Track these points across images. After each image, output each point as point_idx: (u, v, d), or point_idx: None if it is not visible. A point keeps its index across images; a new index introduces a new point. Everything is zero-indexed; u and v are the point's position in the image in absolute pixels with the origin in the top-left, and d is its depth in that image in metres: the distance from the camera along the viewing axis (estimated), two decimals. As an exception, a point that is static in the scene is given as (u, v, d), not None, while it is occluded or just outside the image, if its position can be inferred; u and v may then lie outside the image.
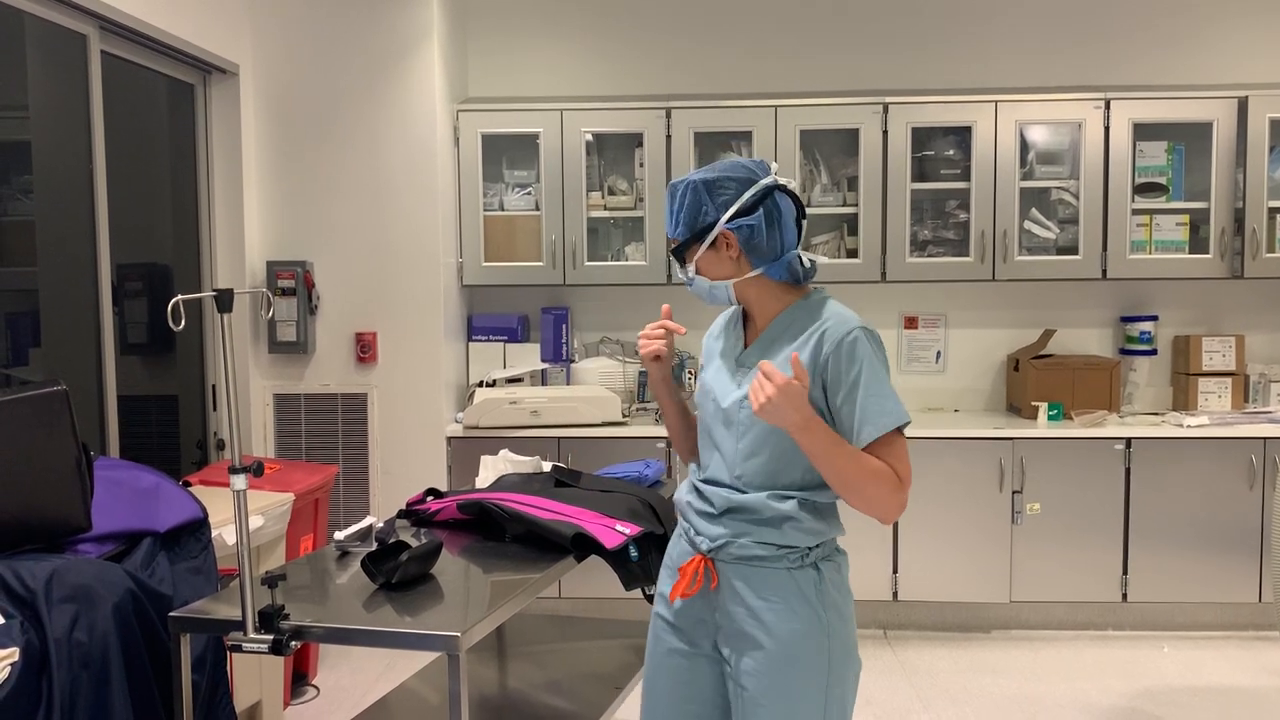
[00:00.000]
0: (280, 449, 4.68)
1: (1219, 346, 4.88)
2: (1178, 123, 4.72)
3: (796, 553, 2.03)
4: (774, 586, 2.02)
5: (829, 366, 1.99)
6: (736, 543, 2.04)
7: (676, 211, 2.08)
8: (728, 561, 2.05)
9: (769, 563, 2.02)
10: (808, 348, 2.01)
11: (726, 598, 2.06)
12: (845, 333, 1.99)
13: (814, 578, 2.04)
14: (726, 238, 2.05)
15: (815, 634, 2.02)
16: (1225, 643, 4.54)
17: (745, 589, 2.03)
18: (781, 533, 2.02)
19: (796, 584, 2.02)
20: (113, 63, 3.85)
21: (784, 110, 4.74)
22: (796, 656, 2.01)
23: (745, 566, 2.04)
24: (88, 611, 2.19)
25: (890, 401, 1.97)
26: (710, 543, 2.07)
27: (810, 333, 2.03)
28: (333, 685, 4.10)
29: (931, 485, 4.54)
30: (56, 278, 3.79)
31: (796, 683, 2.01)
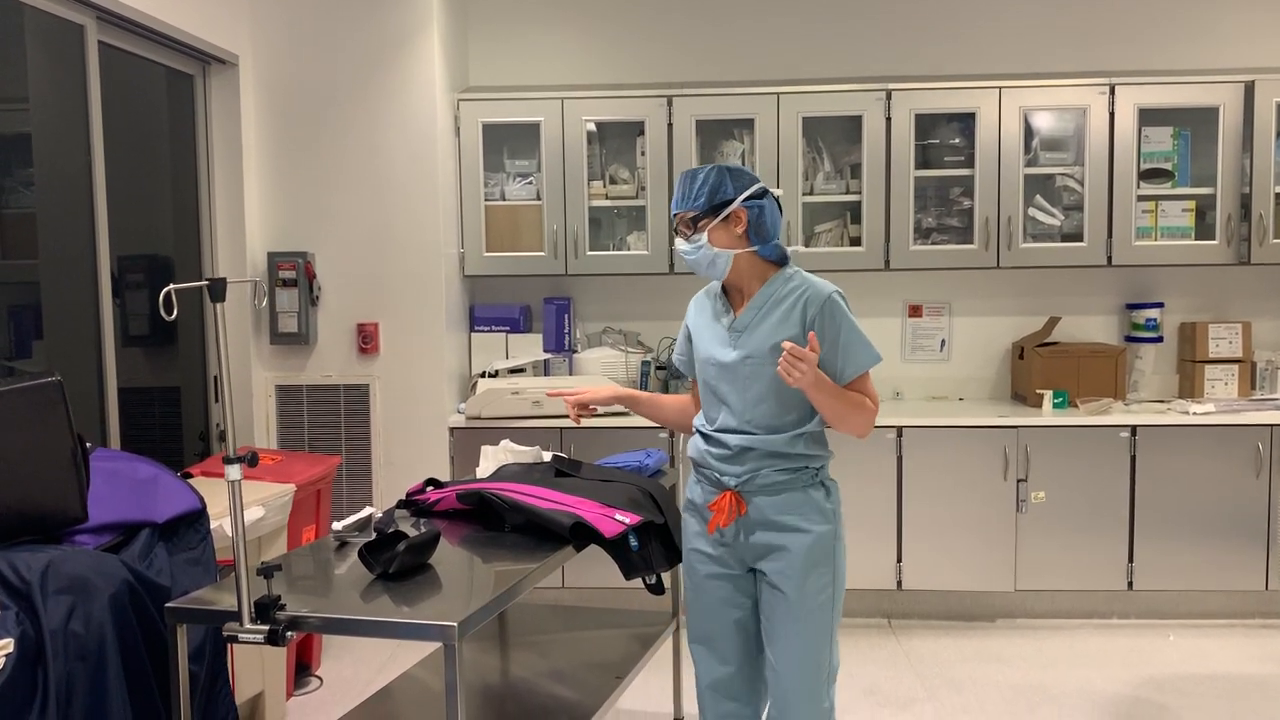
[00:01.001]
0: (283, 440, 4.67)
1: (1225, 333, 4.84)
2: (1183, 108, 4.68)
3: (808, 473, 2.54)
4: (794, 504, 2.53)
5: (816, 322, 2.51)
6: (760, 474, 2.52)
7: (698, 187, 2.52)
8: (753, 491, 2.53)
9: (788, 486, 2.53)
10: (795, 311, 2.53)
11: (755, 520, 2.54)
12: (825, 298, 2.53)
13: (823, 493, 2.57)
14: (739, 215, 2.53)
15: (828, 537, 2.54)
16: (1231, 631, 4.52)
17: (771, 510, 2.53)
18: (793, 460, 2.52)
19: (811, 499, 2.54)
20: (112, 54, 3.84)
21: (786, 97, 4.71)
22: (816, 558, 2.52)
23: (769, 493, 2.53)
24: (84, 603, 2.19)
25: (866, 347, 2.55)
26: (736, 479, 2.54)
27: (795, 300, 2.54)
28: (336, 676, 4.10)
29: (936, 474, 4.52)
30: (58, 270, 3.79)
31: (816, 578, 2.52)
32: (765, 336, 2.54)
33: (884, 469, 4.53)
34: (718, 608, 2.64)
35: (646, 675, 3.95)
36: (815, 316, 2.51)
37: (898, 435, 4.53)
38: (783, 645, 2.54)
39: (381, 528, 2.54)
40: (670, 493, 3.13)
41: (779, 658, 2.55)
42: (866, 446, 4.50)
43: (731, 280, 2.61)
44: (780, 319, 2.54)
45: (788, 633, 2.53)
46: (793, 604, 2.51)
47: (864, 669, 4.15)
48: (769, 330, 2.54)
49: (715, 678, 2.68)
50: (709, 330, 2.65)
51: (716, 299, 2.67)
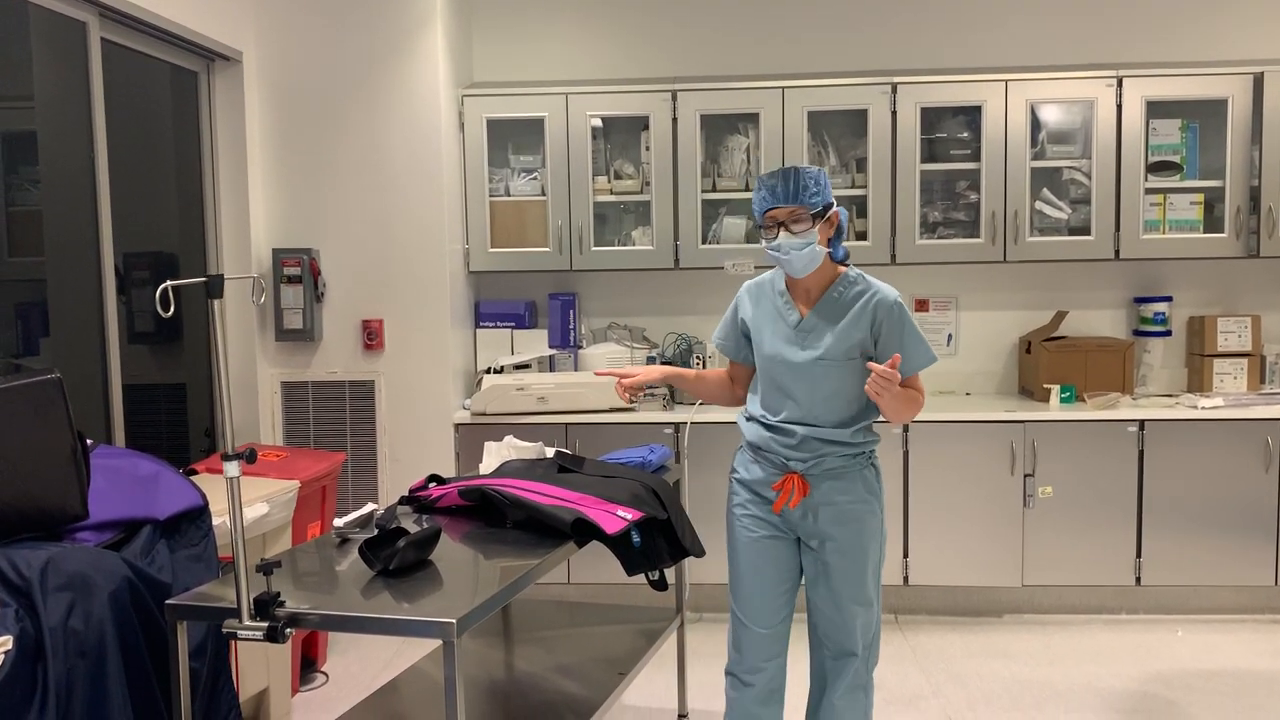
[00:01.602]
0: (288, 437, 4.68)
1: (1234, 327, 4.81)
2: (1192, 100, 4.65)
3: (863, 457, 2.78)
4: (851, 485, 2.75)
5: (883, 325, 2.71)
6: (824, 460, 2.73)
7: (815, 185, 2.66)
8: (818, 476, 2.74)
9: (848, 469, 2.75)
10: (864, 315, 2.71)
11: (817, 500, 2.74)
12: (892, 302, 2.72)
13: (873, 474, 2.81)
14: (834, 219, 2.73)
15: (876, 513, 2.79)
16: (1240, 626, 4.50)
17: (832, 491, 2.74)
18: (853, 447, 2.75)
19: (865, 480, 2.77)
20: (116, 51, 3.84)
21: (791, 91, 4.70)
22: (867, 531, 2.76)
23: (831, 477, 2.74)
24: (84, 600, 2.19)
25: (925, 348, 2.75)
26: (803, 464, 2.74)
27: (863, 304, 2.72)
28: (341, 672, 4.11)
29: (942, 469, 4.50)
30: (64, 268, 3.80)
31: (867, 549, 2.77)
32: (838, 340, 2.71)
33: (890, 464, 4.52)
34: (762, 572, 2.82)
35: (651, 671, 3.96)
36: (884, 320, 2.71)
37: (904, 430, 4.51)
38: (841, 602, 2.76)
39: (383, 524, 2.53)
40: (674, 488, 3.13)
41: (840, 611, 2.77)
42: (872, 442, 4.49)
43: (801, 280, 2.75)
44: (851, 322, 2.71)
45: (848, 590, 2.75)
46: (851, 568, 2.74)
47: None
48: (842, 333, 2.72)
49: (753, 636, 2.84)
50: (772, 326, 2.79)
51: (778, 295, 2.81)
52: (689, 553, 2.97)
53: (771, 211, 2.68)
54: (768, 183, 2.69)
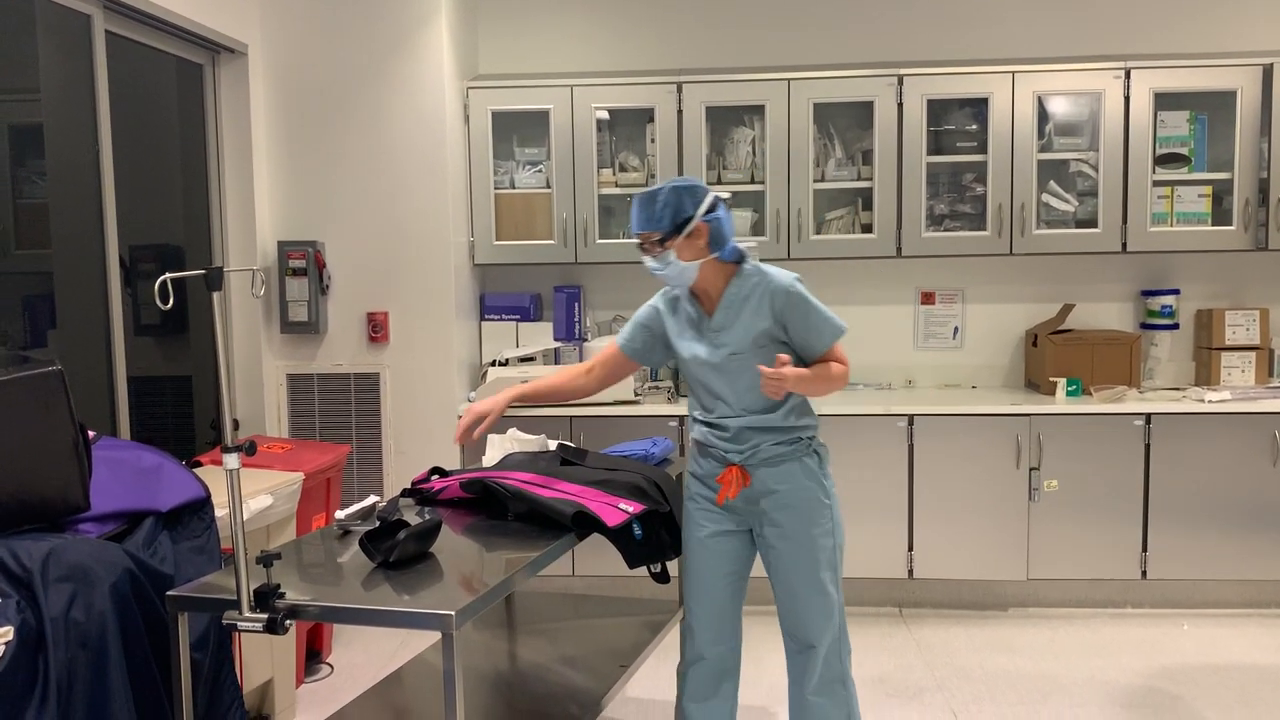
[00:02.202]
0: (294, 429, 4.69)
1: (1242, 320, 4.79)
2: (1200, 92, 4.62)
3: (801, 444, 2.79)
4: (791, 473, 2.78)
5: (785, 313, 2.73)
6: (760, 449, 2.76)
7: (659, 209, 2.70)
8: (756, 464, 2.77)
9: (786, 457, 2.77)
10: (764, 305, 2.74)
11: (758, 490, 2.78)
12: (786, 287, 2.74)
13: (816, 461, 2.82)
14: (701, 229, 2.72)
15: (822, 499, 2.79)
16: (1246, 620, 4.48)
17: (771, 479, 2.77)
18: (787, 432, 2.78)
19: (806, 467, 2.79)
20: (121, 44, 3.85)
21: (797, 83, 4.68)
22: (812, 518, 2.78)
23: (770, 465, 2.77)
24: (85, 591, 2.20)
25: (830, 323, 2.75)
26: (740, 455, 2.78)
27: (761, 295, 2.75)
28: (346, 663, 4.12)
29: (948, 462, 4.49)
30: (70, 260, 3.81)
31: (814, 536, 2.78)
32: (744, 332, 2.75)
33: (895, 457, 4.51)
34: (713, 567, 2.86)
35: (654, 663, 3.97)
36: (783, 306, 2.73)
37: (909, 424, 4.50)
38: (794, 597, 2.79)
39: (384, 516, 2.54)
40: (677, 481, 3.13)
41: (794, 599, 2.79)
42: (878, 434, 4.49)
43: (699, 285, 2.80)
44: (752, 313, 2.76)
45: (798, 577, 2.78)
46: (799, 554, 2.77)
47: (874, 658, 4.14)
48: (745, 325, 2.76)
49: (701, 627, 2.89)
50: (688, 333, 2.86)
51: (687, 303, 2.87)
52: (691, 546, 2.97)
53: (638, 235, 2.77)
54: (633, 207, 2.77)
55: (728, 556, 2.86)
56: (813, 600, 2.78)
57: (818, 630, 2.79)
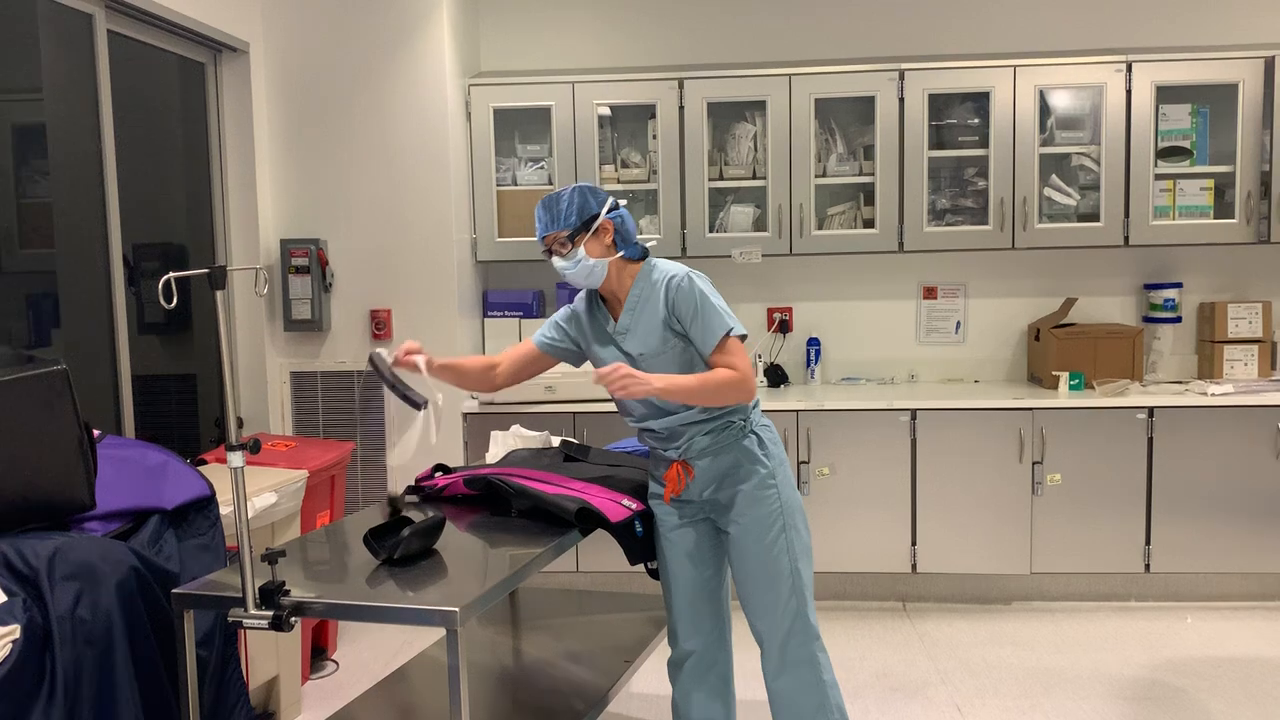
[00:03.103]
0: (298, 427, 4.70)
1: (1245, 313, 4.79)
2: (1202, 84, 4.61)
3: (735, 429, 2.76)
4: (732, 459, 2.76)
5: (676, 306, 2.70)
6: (694, 442, 2.75)
7: (565, 208, 2.71)
8: (694, 457, 2.76)
9: (722, 445, 2.75)
10: (660, 300, 2.72)
11: (702, 481, 2.78)
12: (678, 280, 2.70)
13: (755, 441, 2.77)
14: (607, 225, 2.73)
15: (767, 480, 2.76)
16: (1250, 613, 4.48)
17: (712, 468, 2.77)
18: (715, 421, 2.75)
19: (745, 450, 2.76)
20: (123, 43, 3.85)
21: (798, 78, 4.68)
22: (759, 498, 2.75)
23: (708, 455, 2.76)
24: (91, 589, 2.21)
25: (720, 317, 2.68)
26: (678, 451, 2.78)
27: (658, 290, 2.73)
28: (352, 659, 4.13)
29: (951, 456, 4.50)
30: (74, 259, 3.82)
31: (765, 518, 2.74)
32: (648, 331, 2.74)
33: (898, 452, 4.51)
34: (683, 559, 2.85)
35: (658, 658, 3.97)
36: (675, 299, 2.70)
37: (912, 418, 4.51)
38: (748, 581, 2.77)
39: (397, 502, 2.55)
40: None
41: (748, 593, 2.77)
42: (881, 429, 4.49)
43: (607, 286, 2.79)
44: (653, 310, 2.74)
45: (750, 566, 2.76)
46: (748, 536, 2.75)
47: (878, 652, 4.15)
48: (649, 324, 2.74)
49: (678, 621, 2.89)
50: (599, 339, 2.84)
51: (597, 309, 2.86)
52: (693, 541, 2.98)
53: (545, 238, 2.75)
54: (537, 213, 2.76)
55: (693, 550, 2.84)
56: (765, 581, 2.75)
57: (772, 612, 2.75)
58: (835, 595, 4.70)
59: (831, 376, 5.15)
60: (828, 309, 5.14)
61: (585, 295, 2.91)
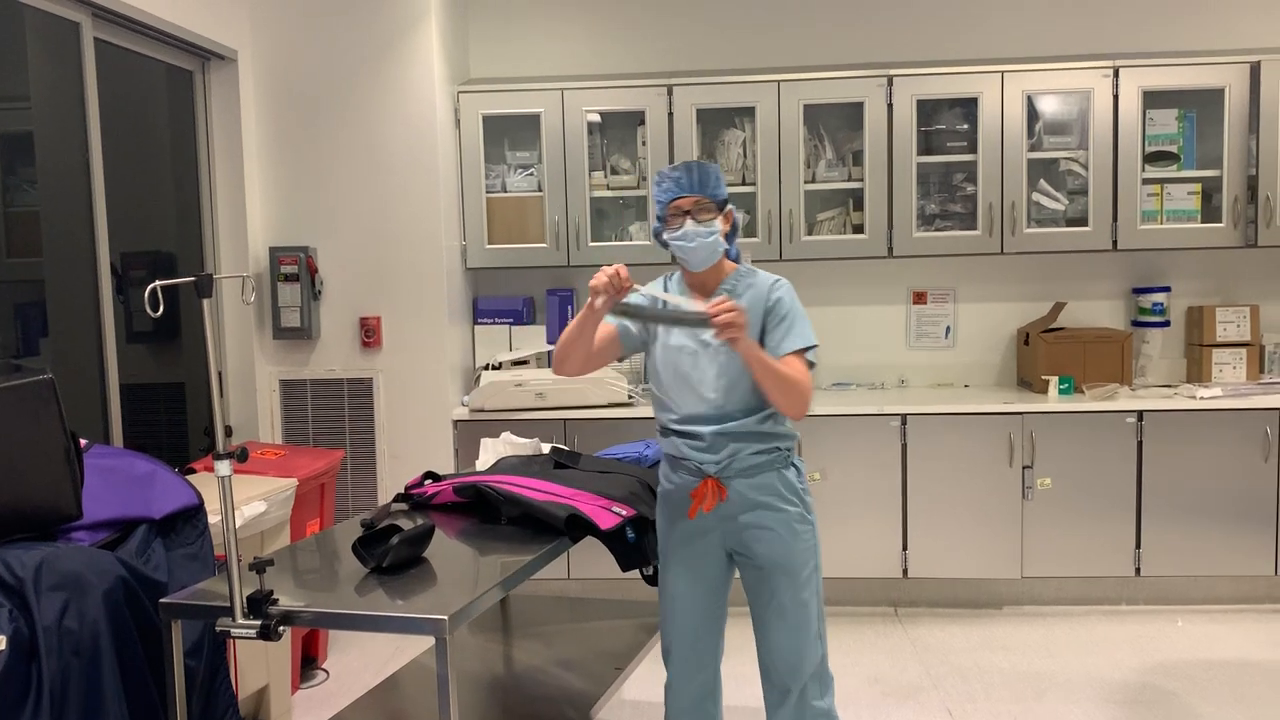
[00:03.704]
0: (287, 435, 4.69)
1: (1233, 317, 4.80)
2: (1188, 90, 4.63)
3: (779, 455, 2.67)
4: (769, 486, 2.64)
5: (777, 304, 2.65)
6: (737, 458, 2.61)
7: (715, 179, 2.65)
8: (732, 475, 2.62)
9: (763, 468, 2.64)
10: (760, 298, 2.66)
11: (734, 504, 2.63)
12: (783, 283, 2.69)
13: (795, 474, 2.69)
14: (730, 214, 2.70)
15: (803, 516, 2.68)
16: (1240, 616, 4.49)
17: (749, 492, 2.63)
18: (765, 440, 2.64)
19: (785, 480, 2.66)
20: (110, 51, 3.84)
21: (787, 85, 4.69)
22: (794, 535, 2.65)
23: (746, 477, 2.63)
24: (78, 599, 2.20)
25: (808, 330, 2.65)
26: (715, 466, 2.62)
27: (755, 290, 2.67)
28: (342, 668, 4.12)
29: (941, 461, 4.50)
30: (62, 268, 3.81)
31: (797, 556, 2.65)
32: None
33: (889, 456, 4.52)
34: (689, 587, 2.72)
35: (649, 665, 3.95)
36: (777, 297, 2.66)
37: (902, 423, 4.51)
38: (775, 622, 2.65)
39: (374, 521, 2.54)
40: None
41: (774, 634, 2.65)
42: (871, 434, 4.50)
43: (699, 276, 2.70)
44: (747, 306, 2.61)
45: (779, 606, 2.64)
46: (780, 578, 2.64)
47: (869, 658, 4.14)
48: None
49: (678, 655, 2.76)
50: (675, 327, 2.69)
51: (679, 293, 2.74)
52: (684, 547, 2.97)
53: (677, 201, 2.61)
54: (671, 174, 2.64)
55: (703, 581, 2.71)
56: (795, 623, 2.64)
57: (798, 656, 2.65)
58: (826, 601, 4.66)
59: (822, 382, 5.15)
60: (817, 314, 5.06)
61: (663, 282, 2.78)
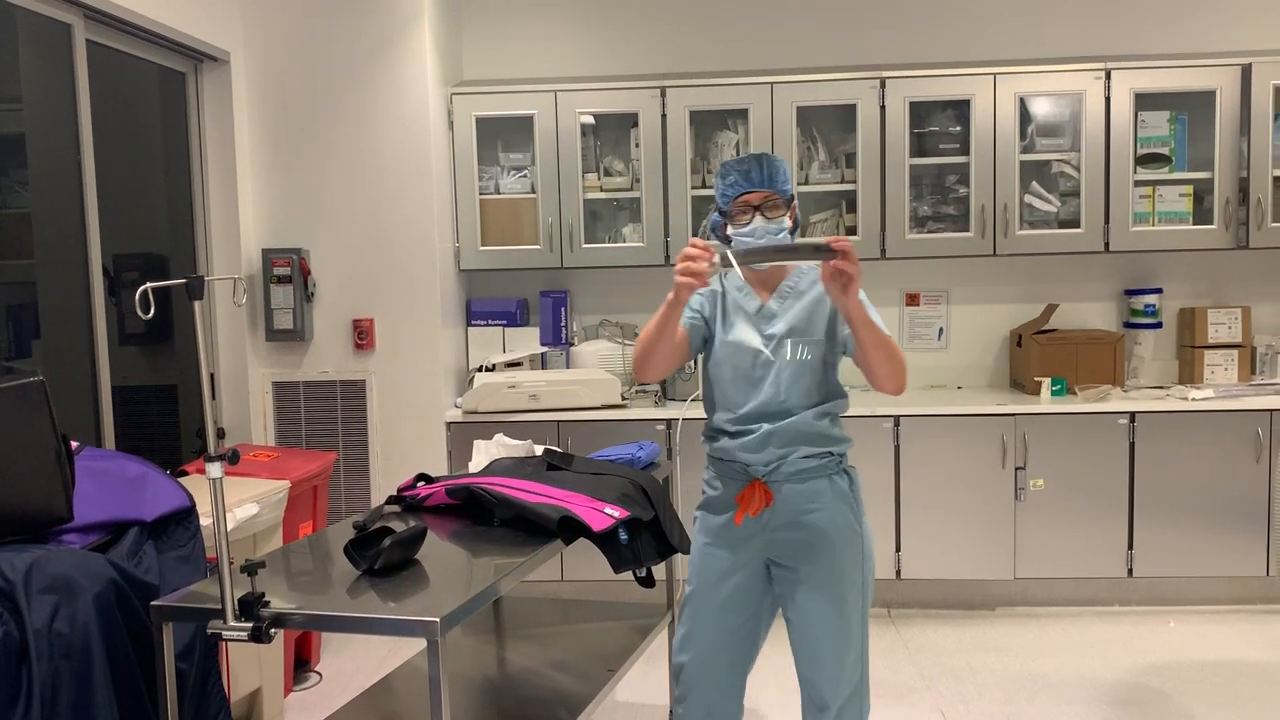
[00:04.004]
0: (280, 437, 4.68)
1: (1225, 318, 4.82)
2: (1180, 92, 4.65)
3: (833, 460, 2.57)
4: (819, 492, 2.54)
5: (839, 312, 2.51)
6: (788, 460, 2.52)
7: (784, 175, 2.59)
8: (781, 480, 2.53)
9: (815, 474, 2.54)
10: (825, 298, 2.54)
11: (780, 510, 2.54)
12: None
13: (847, 482, 2.59)
14: (794, 210, 2.64)
15: (853, 525, 2.58)
16: (1232, 617, 4.51)
17: (797, 498, 2.53)
18: (818, 443, 2.54)
19: (837, 488, 2.56)
20: (103, 52, 3.84)
21: (780, 87, 4.69)
22: (843, 545, 2.54)
23: (796, 481, 2.53)
24: (68, 602, 2.20)
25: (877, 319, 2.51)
26: (764, 468, 2.54)
27: (820, 287, 2.53)
28: (336, 670, 4.11)
29: (934, 462, 4.51)
30: (54, 270, 3.80)
31: (846, 566, 2.54)
32: (799, 318, 2.58)
33: (882, 458, 4.52)
34: (722, 614, 2.62)
35: (643, 666, 3.97)
36: None
37: (895, 424, 4.51)
38: (819, 632, 2.54)
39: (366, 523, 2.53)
40: (663, 485, 3.13)
41: (815, 646, 2.55)
42: (864, 435, 4.50)
43: (768, 270, 2.62)
44: (811, 303, 2.59)
45: (822, 617, 2.53)
46: (824, 588, 2.53)
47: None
48: (802, 312, 2.59)
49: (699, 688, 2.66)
50: (738, 317, 2.64)
51: (735, 290, 2.67)
52: (677, 550, 2.97)
53: (745, 196, 2.56)
54: (739, 167, 2.57)
55: (740, 606, 2.62)
56: (839, 640, 2.54)
57: (839, 675, 2.55)
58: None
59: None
60: (811, 316, 5.14)
61: (719, 279, 2.69)
